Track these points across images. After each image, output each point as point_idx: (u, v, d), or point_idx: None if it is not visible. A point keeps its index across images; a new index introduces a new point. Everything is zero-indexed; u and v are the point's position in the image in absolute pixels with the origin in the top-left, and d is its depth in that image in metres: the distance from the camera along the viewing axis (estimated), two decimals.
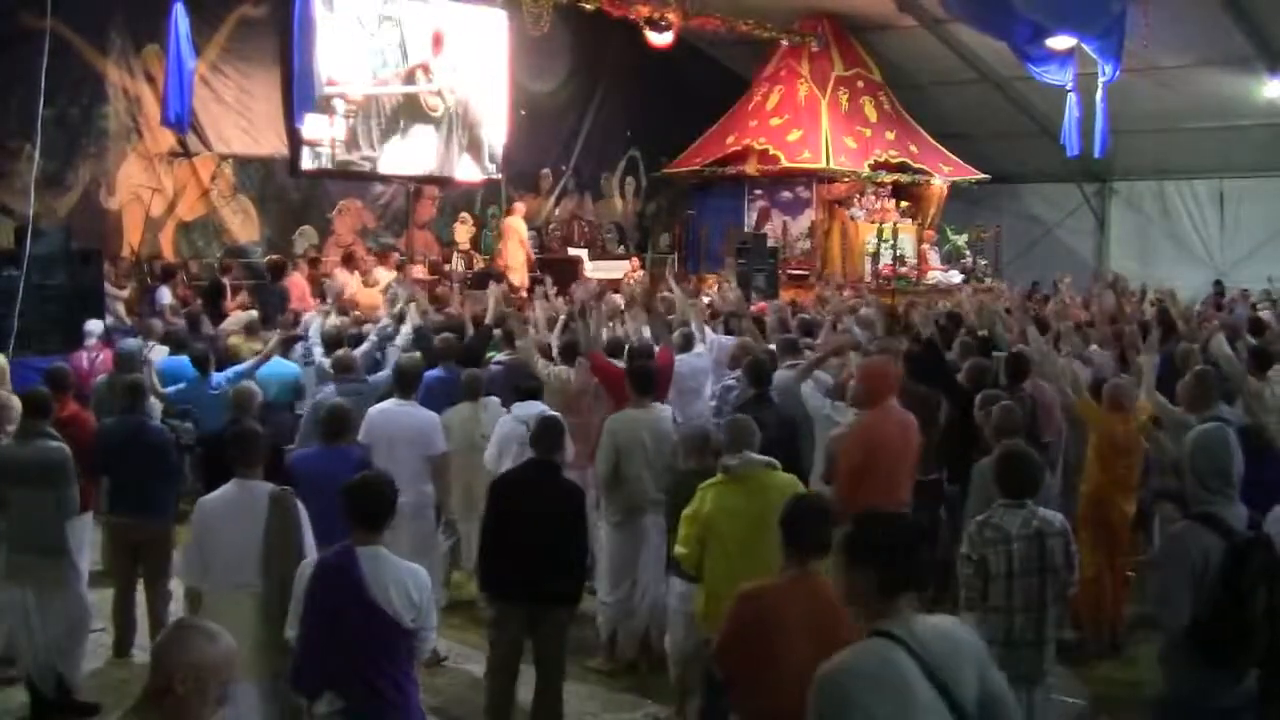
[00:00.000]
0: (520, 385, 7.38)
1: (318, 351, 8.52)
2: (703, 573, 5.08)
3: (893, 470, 5.94)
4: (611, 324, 9.83)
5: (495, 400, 7.54)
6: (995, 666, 3.07)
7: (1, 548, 5.91)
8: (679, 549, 5.15)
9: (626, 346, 8.50)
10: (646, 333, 9.21)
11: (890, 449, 5.95)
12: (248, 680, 4.63)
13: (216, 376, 8.21)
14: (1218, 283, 17.64)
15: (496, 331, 9.51)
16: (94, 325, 9.48)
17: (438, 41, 17.12)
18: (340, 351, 8.07)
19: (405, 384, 7.02)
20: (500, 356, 8.86)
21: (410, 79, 16.90)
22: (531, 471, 5.58)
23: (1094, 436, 6.79)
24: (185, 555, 4.97)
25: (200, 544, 4.89)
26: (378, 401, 7.03)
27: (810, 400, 7.01)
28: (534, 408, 7.03)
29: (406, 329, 9.15)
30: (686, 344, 8.71)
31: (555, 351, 8.27)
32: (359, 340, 8.97)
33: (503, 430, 7.01)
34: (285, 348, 9.04)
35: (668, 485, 6.10)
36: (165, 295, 12.32)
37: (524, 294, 14.47)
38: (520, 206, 17.56)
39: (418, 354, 8.08)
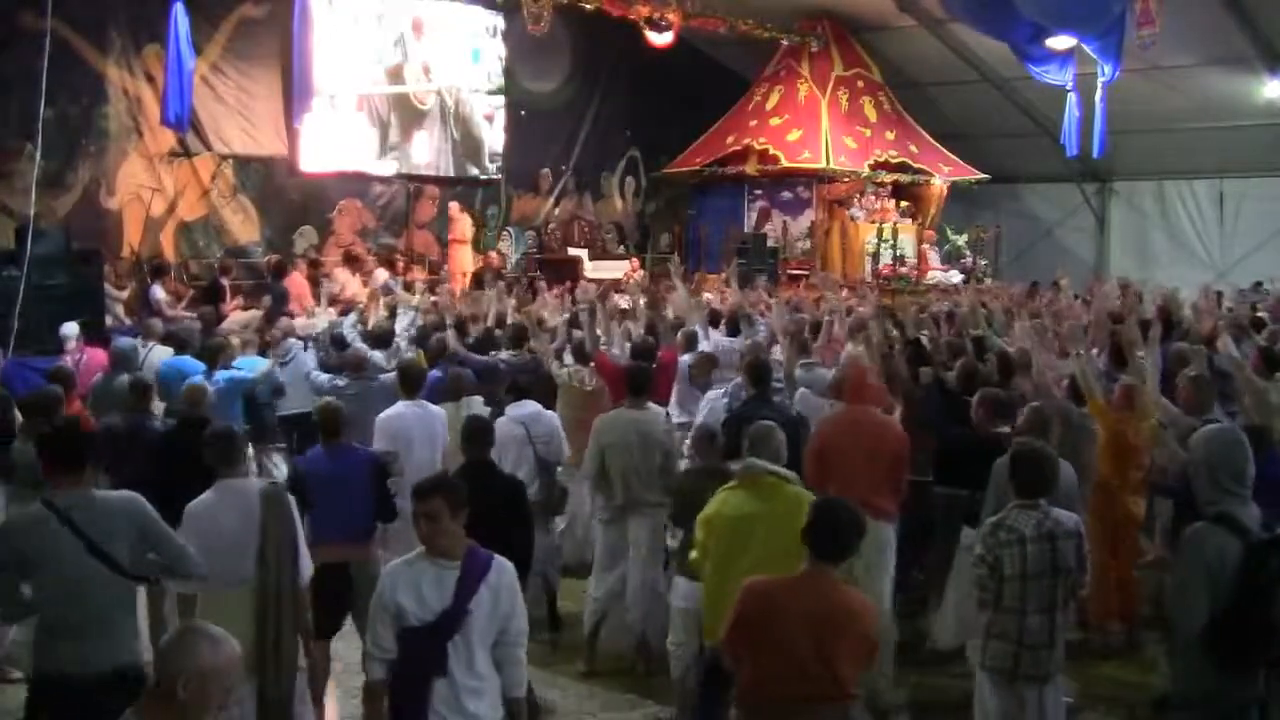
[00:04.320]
0: (516, 382, 7.36)
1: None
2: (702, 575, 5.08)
3: (851, 469, 5.89)
4: (618, 323, 9.82)
5: (478, 399, 7.53)
6: (153, 530, 4.30)
7: None
8: (693, 553, 5.13)
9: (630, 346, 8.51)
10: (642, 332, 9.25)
11: (847, 448, 5.94)
12: (247, 680, 4.63)
13: (220, 375, 8.22)
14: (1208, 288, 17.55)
15: (498, 331, 9.53)
16: (69, 328, 9.33)
17: (417, 28, 17.07)
18: (350, 351, 8.15)
19: (410, 384, 7.02)
20: (504, 355, 8.86)
21: (399, 74, 16.90)
22: (468, 474, 5.48)
23: (1103, 435, 6.79)
24: None
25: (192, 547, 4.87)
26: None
27: (804, 405, 7.04)
28: (528, 407, 7.02)
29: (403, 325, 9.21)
30: (690, 344, 8.68)
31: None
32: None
33: (499, 433, 6.99)
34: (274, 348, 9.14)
35: (674, 484, 6.08)
36: (158, 293, 12.33)
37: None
38: (454, 206, 17.33)
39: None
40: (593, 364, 7.92)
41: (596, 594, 6.66)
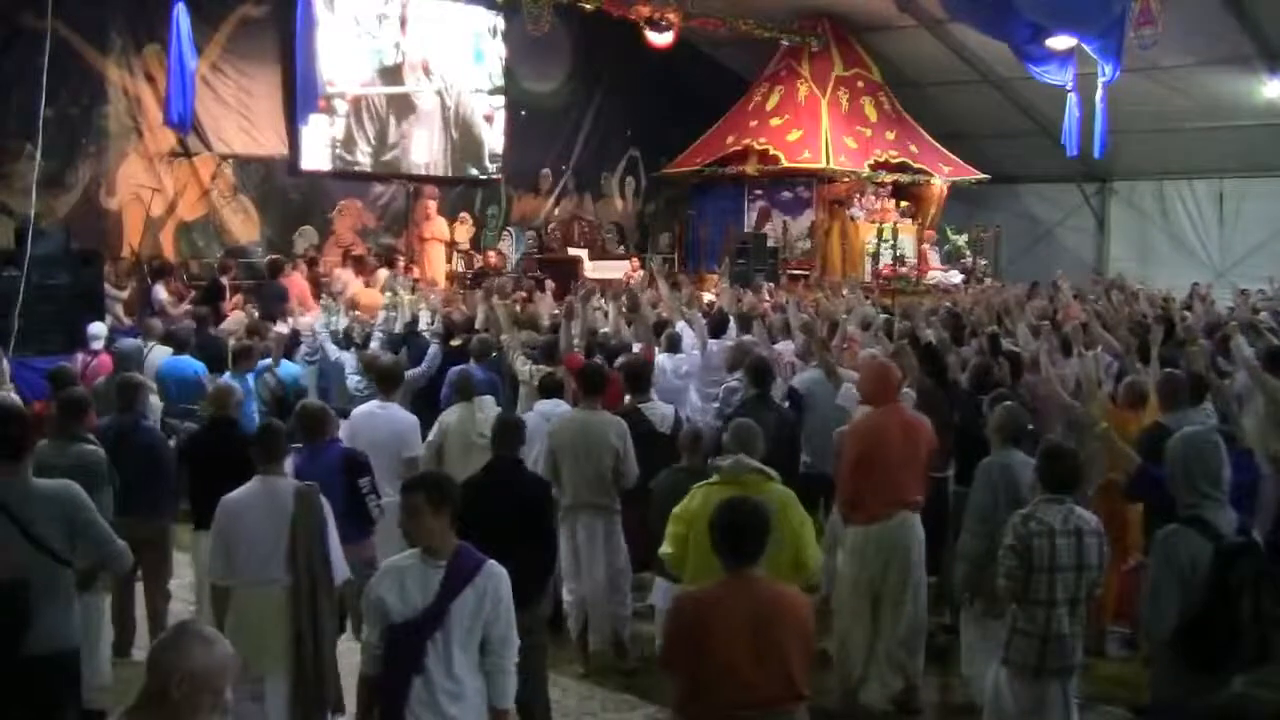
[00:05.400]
0: (543, 383, 7.39)
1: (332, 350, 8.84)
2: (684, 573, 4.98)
3: (891, 469, 5.93)
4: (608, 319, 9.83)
5: (489, 399, 7.52)
6: (82, 519, 4.35)
7: None
8: (664, 548, 5.05)
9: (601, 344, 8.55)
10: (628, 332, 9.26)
11: (885, 449, 5.94)
12: (276, 675, 4.64)
13: (221, 376, 8.21)
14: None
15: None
16: (98, 328, 9.38)
17: (417, 29, 17.00)
18: (366, 353, 8.18)
19: (385, 385, 7.03)
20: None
21: (399, 74, 16.88)
22: (494, 469, 5.50)
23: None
24: (210, 552, 4.97)
25: (224, 540, 4.87)
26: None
27: (847, 399, 7.04)
28: (559, 406, 7.04)
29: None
30: (672, 345, 8.66)
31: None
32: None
33: (528, 426, 6.95)
34: (289, 348, 9.14)
35: (655, 484, 6.04)
36: (160, 293, 12.33)
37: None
38: (431, 205, 17.08)
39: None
40: (562, 364, 7.88)
41: (567, 597, 6.68)
